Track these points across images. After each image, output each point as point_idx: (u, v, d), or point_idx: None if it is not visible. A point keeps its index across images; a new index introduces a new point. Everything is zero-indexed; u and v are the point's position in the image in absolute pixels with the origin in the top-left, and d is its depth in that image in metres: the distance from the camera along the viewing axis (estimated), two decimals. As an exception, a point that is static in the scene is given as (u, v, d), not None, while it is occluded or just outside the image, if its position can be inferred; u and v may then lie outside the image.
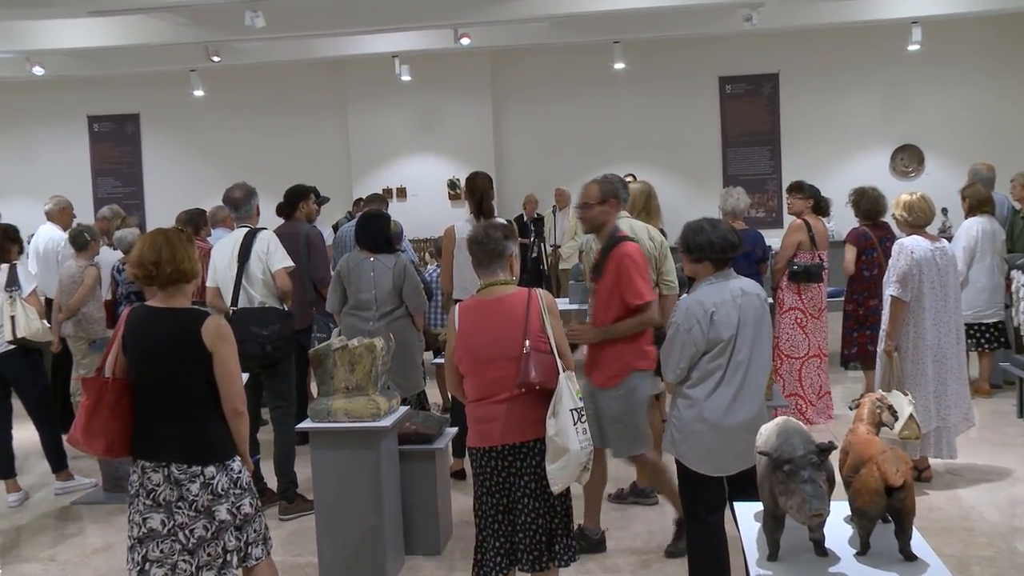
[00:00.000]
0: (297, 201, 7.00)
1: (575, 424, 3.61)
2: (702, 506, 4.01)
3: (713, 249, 3.92)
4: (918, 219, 5.59)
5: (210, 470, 3.44)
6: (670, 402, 4.15)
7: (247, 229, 5.86)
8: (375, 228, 5.95)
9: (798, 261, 7.12)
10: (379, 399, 4.74)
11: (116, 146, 14.88)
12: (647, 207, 6.75)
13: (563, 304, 8.89)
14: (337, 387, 4.74)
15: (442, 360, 5.55)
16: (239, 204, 5.94)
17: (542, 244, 11.27)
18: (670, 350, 3.93)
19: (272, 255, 5.71)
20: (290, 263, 5.78)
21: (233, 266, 5.73)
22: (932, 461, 5.83)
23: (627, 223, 5.45)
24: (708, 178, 13.50)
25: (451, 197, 14.02)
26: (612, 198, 4.69)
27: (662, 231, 6.81)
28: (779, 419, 2.93)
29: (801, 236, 7.16)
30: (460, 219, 6.30)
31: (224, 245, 5.86)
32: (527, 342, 3.66)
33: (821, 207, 7.47)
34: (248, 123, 14.45)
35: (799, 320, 7.16)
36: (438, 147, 14.10)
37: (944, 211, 11.97)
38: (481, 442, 3.76)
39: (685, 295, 4.05)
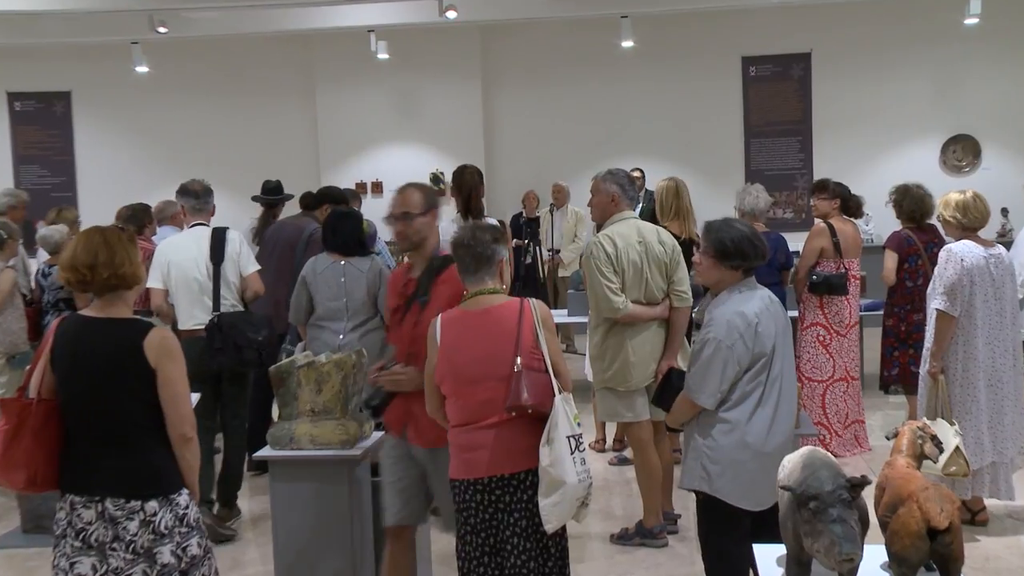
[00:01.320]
0: (323, 201, 7.34)
1: (572, 453, 3.63)
2: (732, 542, 4.01)
3: (756, 255, 4.00)
4: (972, 221, 5.60)
5: (152, 505, 3.42)
6: (687, 432, 4.15)
7: (210, 227, 6.15)
8: (346, 228, 5.99)
9: (819, 271, 7.16)
10: (350, 423, 4.75)
11: (42, 129, 14.77)
12: (676, 208, 6.81)
13: (560, 316, 8.93)
14: (302, 409, 4.76)
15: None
16: (200, 194, 6.28)
17: (538, 248, 11.30)
18: (708, 370, 3.93)
19: (246, 257, 6.22)
20: (258, 265, 6.32)
21: (202, 268, 6.03)
22: (988, 502, 5.83)
23: (633, 225, 5.51)
24: (728, 173, 13.51)
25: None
26: (435, 208, 4.43)
27: (696, 236, 6.87)
28: (804, 449, 2.94)
29: (823, 242, 7.21)
30: (445, 219, 6.31)
31: (184, 244, 6.04)
32: (519, 359, 3.69)
33: (851, 208, 7.51)
34: (199, 106, 14.44)
35: (821, 338, 7.20)
36: (420, 136, 14.11)
37: (1004, 212, 12.00)
38: (465, 473, 3.78)
39: (715, 307, 4.05)
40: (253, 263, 6.28)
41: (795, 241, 7.86)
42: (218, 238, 6.15)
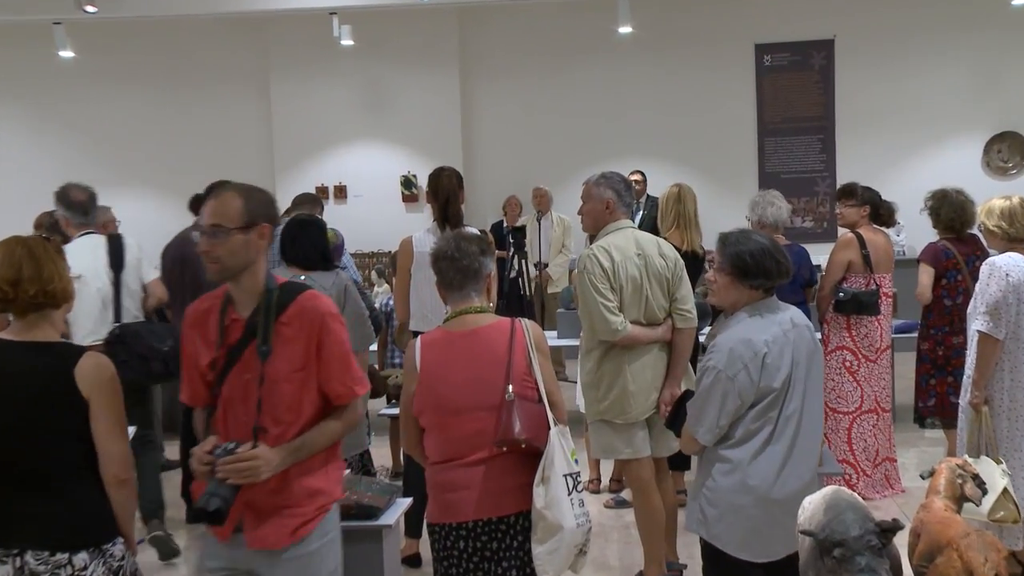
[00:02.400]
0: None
1: (570, 494, 3.66)
2: None
3: (780, 272, 4.02)
4: (1019, 231, 5.62)
5: (81, 558, 3.39)
6: (696, 467, 4.18)
7: (102, 235, 6.49)
8: (307, 238, 5.99)
9: (846, 287, 7.19)
10: (308, 463, 4.75)
11: (-51, 121, 14.76)
12: (677, 215, 6.84)
13: (549, 339, 8.94)
14: (253, 446, 4.76)
15: (395, 410, 5.59)
16: (88, 208, 6.55)
17: (523, 261, 11.32)
18: (706, 403, 3.96)
19: (146, 263, 6.63)
20: (158, 272, 6.82)
21: (102, 277, 6.30)
22: (1042, 554, 5.86)
23: (631, 236, 5.53)
24: (739, 177, 13.61)
25: (406, 199, 14.08)
26: (264, 222, 3.50)
27: (701, 249, 6.91)
28: (828, 489, 2.97)
29: (851, 254, 7.25)
30: (419, 229, 6.37)
31: (79, 253, 6.25)
32: (510, 387, 3.71)
33: (882, 216, 7.55)
34: (134, 97, 14.41)
35: (848, 363, 7.23)
36: (389, 134, 14.14)
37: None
38: (447, 517, 3.80)
39: (721, 330, 4.08)
40: (153, 270, 6.73)
41: (816, 254, 7.90)
42: (116, 245, 6.46)
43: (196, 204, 7.86)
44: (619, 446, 5.55)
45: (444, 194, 6.21)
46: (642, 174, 12.15)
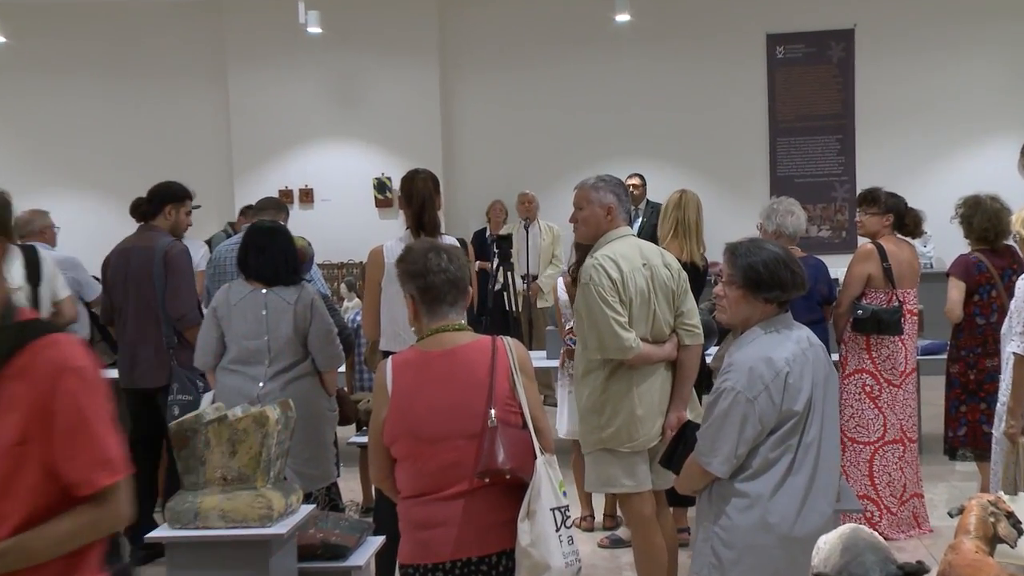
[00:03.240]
0: (164, 203, 7.24)
1: (558, 530, 3.67)
2: None
3: (796, 284, 4.05)
4: (1058, 243, 5.70)
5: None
6: (700, 504, 4.20)
7: (17, 245, 6.46)
8: (272, 248, 6.04)
9: (865, 304, 7.19)
10: (272, 494, 4.76)
11: None
12: (675, 223, 6.89)
13: (539, 360, 8.93)
14: (210, 477, 4.77)
15: (365, 439, 5.61)
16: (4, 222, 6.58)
17: (509, 273, 11.35)
18: (721, 429, 3.95)
19: (60, 280, 6.72)
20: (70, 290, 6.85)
21: (20, 292, 6.22)
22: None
23: (635, 244, 5.56)
24: (748, 181, 13.67)
25: (379, 204, 14.11)
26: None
27: (702, 260, 6.95)
28: (845, 528, 2.97)
29: (871, 267, 7.24)
30: (392, 237, 6.37)
31: None
32: (492, 412, 3.73)
33: (907, 225, 7.56)
34: (74, 88, 14.38)
35: (869, 388, 7.21)
36: (360, 132, 14.15)
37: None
38: (422, 557, 3.80)
39: (737, 349, 4.09)
40: (65, 286, 6.77)
41: (834, 266, 7.92)
42: (32, 256, 6.47)
43: (137, 210, 7.71)
44: (621, 478, 5.51)
45: (419, 199, 6.19)
46: (641, 178, 12.18)
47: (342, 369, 7.37)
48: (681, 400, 5.52)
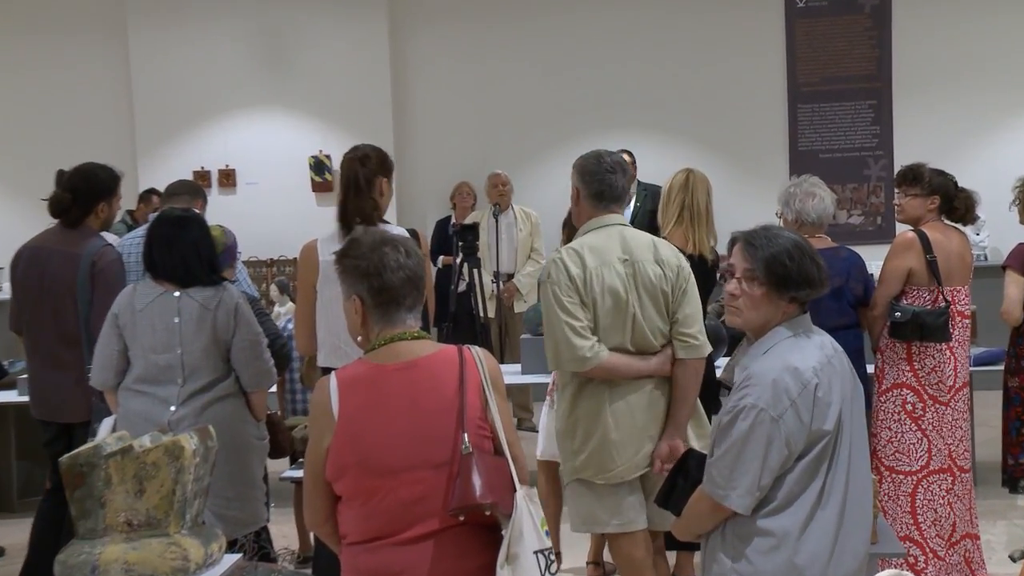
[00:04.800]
0: (97, 200, 7.09)
1: (543, 574, 3.70)
2: None
3: (822, 281, 4.10)
4: None
5: None
6: (710, 546, 4.22)
7: None
8: (183, 240, 6.04)
9: (904, 304, 7.17)
10: (188, 542, 4.75)
11: None
12: (681, 209, 6.94)
13: (512, 375, 8.94)
14: (112, 522, 4.75)
15: (301, 473, 5.63)
16: None
17: (476, 270, 11.39)
18: (741, 455, 3.95)
19: None
20: None
21: None
22: None
23: (616, 234, 5.53)
24: (763, 157, 13.78)
25: (317, 188, 14.10)
26: None
27: (712, 253, 7.00)
28: (886, 574, 3.03)
29: (911, 260, 7.20)
30: (328, 229, 6.33)
31: None
32: (465, 436, 3.75)
33: (956, 210, 7.56)
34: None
35: (911, 407, 7.15)
36: (294, 101, 14.17)
37: None
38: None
39: (754, 359, 4.11)
40: None
41: (869, 259, 7.95)
42: None
43: (66, 214, 7.27)
44: (601, 515, 5.53)
45: (344, 183, 6.15)
46: (631, 155, 12.15)
47: (273, 389, 7.40)
48: (676, 426, 5.49)
